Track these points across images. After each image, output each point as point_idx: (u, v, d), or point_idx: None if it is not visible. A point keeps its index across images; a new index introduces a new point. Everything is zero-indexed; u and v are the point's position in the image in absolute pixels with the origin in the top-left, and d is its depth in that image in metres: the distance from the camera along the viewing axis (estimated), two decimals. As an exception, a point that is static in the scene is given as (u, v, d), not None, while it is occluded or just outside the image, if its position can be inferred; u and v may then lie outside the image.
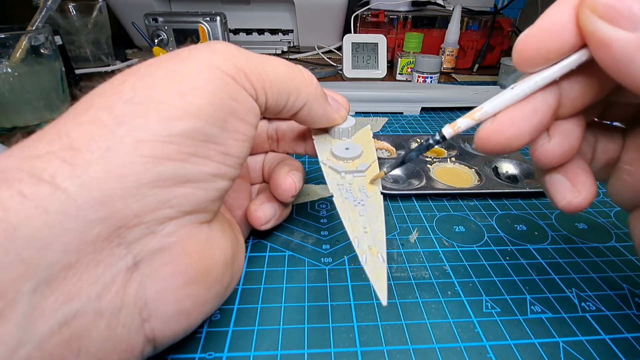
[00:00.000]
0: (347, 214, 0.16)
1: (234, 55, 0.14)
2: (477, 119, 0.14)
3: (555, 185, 0.15)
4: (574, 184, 0.15)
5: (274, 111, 0.16)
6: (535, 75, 0.13)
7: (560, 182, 0.15)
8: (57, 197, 0.10)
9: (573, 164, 0.15)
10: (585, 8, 0.11)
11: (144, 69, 0.13)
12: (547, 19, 0.12)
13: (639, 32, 0.10)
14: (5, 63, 0.36)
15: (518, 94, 0.13)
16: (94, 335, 0.11)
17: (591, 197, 0.15)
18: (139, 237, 0.12)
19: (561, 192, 0.15)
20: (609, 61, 0.11)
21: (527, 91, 0.13)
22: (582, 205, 0.15)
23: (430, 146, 0.16)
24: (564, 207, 0.15)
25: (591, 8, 0.11)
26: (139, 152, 0.11)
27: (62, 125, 0.12)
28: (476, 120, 0.14)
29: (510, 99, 0.13)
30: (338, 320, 0.18)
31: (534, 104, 0.13)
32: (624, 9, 0.10)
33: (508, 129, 0.13)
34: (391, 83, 0.55)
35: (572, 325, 0.18)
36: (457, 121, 0.15)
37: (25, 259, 0.10)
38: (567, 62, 0.12)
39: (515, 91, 0.13)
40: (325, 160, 0.20)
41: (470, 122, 0.14)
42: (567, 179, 0.15)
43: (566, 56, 0.12)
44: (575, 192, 0.15)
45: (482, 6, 0.74)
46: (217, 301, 0.15)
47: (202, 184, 0.13)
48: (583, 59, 0.12)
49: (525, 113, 0.13)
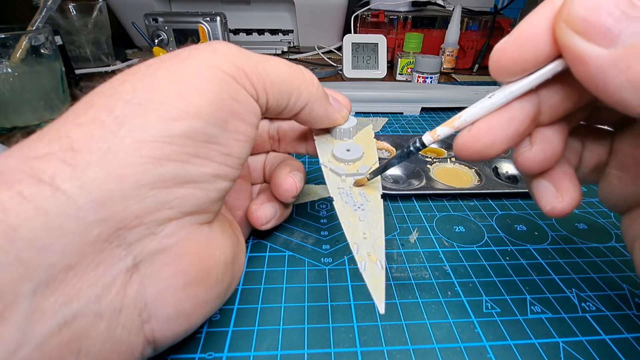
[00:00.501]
0: (347, 219, 0.16)
1: (235, 55, 0.14)
2: (456, 127, 0.14)
3: (540, 191, 0.16)
4: (558, 190, 0.15)
5: (275, 111, 0.16)
6: (512, 84, 0.13)
7: (545, 187, 0.16)
8: (57, 198, 0.10)
9: (557, 170, 0.15)
10: (561, 21, 0.11)
11: (144, 69, 0.13)
12: (523, 28, 0.12)
13: (612, 48, 0.10)
14: (5, 63, 0.36)
15: (495, 102, 0.13)
16: (94, 336, 0.11)
17: (575, 203, 0.15)
18: (139, 238, 0.12)
19: (546, 198, 0.16)
20: (584, 75, 0.11)
21: (503, 100, 0.13)
22: (565, 210, 0.15)
23: (411, 153, 0.16)
24: (549, 212, 0.15)
25: (567, 21, 0.10)
26: (139, 153, 0.11)
27: (62, 126, 0.12)
28: (455, 128, 0.15)
29: (488, 108, 0.14)
30: (338, 321, 0.18)
31: (511, 113, 0.13)
32: (598, 25, 0.10)
33: (484, 137, 0.14)
34: (391, 83, 0.55)
35: (572, 325, 0.18)
36: (437, 129, 0.15)
37: (25, 260, 0.10)
38: (543, 71, 0.12)
39: (493, 100, 0.13)
40: (326, 162, 0.20)
41: (450, 130, 0.15)
42: (552, 185, 0.15)
43: (542, 66, 0.12)
44: (560, 197, 0.15)
45: (482, 6, 0.74)
46: (217, 302, 0.15)
47: (202, 185, 0.13)
48: (559, 68, 0.12)
49: (502, 121, 0.13)
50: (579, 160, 0.16)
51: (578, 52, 0.10)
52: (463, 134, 0.14)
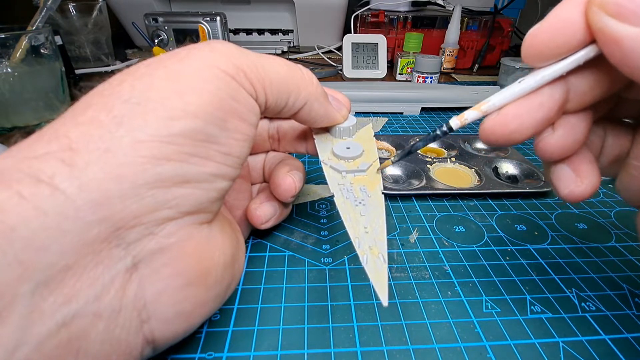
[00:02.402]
0: (347, 214, 0.16)
1: (234, 55, 0.14)
2: (483, 111, 0.15)
3: (559, 175, 0.16)
4: (578, 174, 0.15)
5: (275, 110, 0.16)
6: (542, 70, 0.13)
7: (563, 171, 0.16)
8: (55, 198, 0.10)
9: (578, 156, 0.16)
10: (594, 6, 0.11)
11: (142, 68, 0.13)
12: (556, 15, 0.12)
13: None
14: (5, 63, 0.36)
15: (525, 88, 0.13)
16: (93, 336, 0.11)
17: (593, 187, 0.15)
18: (138, 238, 0.12)
19: (564, 182, 0.15)
20: (618, 57, 0.11)
21: (533, 85, 0.13)
22: (583, 194, 0.15)
23: (437, 137, 0.16)
24: (566, 196, 0.15)
25: (599, 5, 0.11)
26: (138, 153, 0.11)
27: (61, 126, 0.12)
28: (483, 112, 0.15)
29: (517, 93, 0.14)
30: (338, 321, 0.18)
31: (540, 99, 0.13)
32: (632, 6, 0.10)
33: (512, 122, 0.14)
34: (391, 83, 0.55)
35: (572, 325, 0.18)
36: (465, 113, 0.15)
37: (24, 260, 0.10)
38: (575, 57, 0.12)
39: (522, 85, 0.13)
40: (326, 159, 0.20)
41: (477, 114, 0.15)
42: (571, 170, 0.15)
43: (574, 52, 0.12)
44: (578, 181, 0.15)
45: (482, 6, 0.74)
46: (217, 302, 0.15)
47: (202, 185, 0.13)
48: (591, 54, 0.12)
49: (531, 107, 0.13)
50: (600, 150, 0.16)
51: (611, 33, 0.11)
52: (490, 118, 0.14)
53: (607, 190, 0.31)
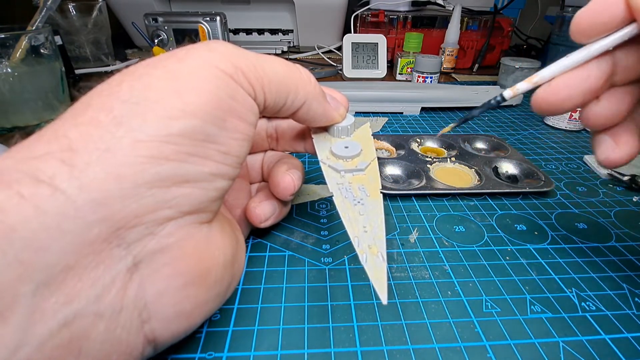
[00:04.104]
0: (346, 213, 0.16)
1: (232, 54, 0.14)
2: (534, 82, 0.16)
3: (599, 142, 0.17)
4: (617, 143, 0.17)
5: (273, 110, 0.16)
6: (589, 45, 0.15)
7: (604, 139, 0.17)
8: (56, 198, 0.10)
9: (620, 127, 0.17)
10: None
11: (141, 69, 0.13)
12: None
13: None
14: (5, 63, 0.36)
15: (573, 61, 0.15)
16: (94, 336, 0.11)
17: (631, 154, 0.17)
18: (139, 238, 0.12)
19: (602, 148, 0.17)
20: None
21: (581, 59, 0.15)
22: (618, 159, 0.17)
23: (491, 106, 0.18)
24: (603, 161, 0.17)
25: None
26: (137, 153, 0.11)
27: (60, 126, 0.12)
28: (533, 83, 0.16)
29: (567, 65, 0.15)
30: (338, 320, 0.18)
31: (587, 71, 0.15)
32: None
33: (562, 91, 0.15)
34: (391, 83, 0.55)
35: (572, 325, 0.18)
36: (517, 85, 0.17)
37: (24, 260, 0.10)
38: (618, 35, 0.14)
39: (571, 59, 0.15)
40: (324, 159, 0.20)
41: (528, 85, 0.17)
42: (612, 139, 0.17)
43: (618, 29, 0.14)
44: (616, 149, 0.17)
45: (482, 6, 0.74)
46: (217, 302, 0.15)
47: (201, 184, 0.13)
48: (634, 32, 0.14)
49: (579, 77, 0.15)
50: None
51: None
52: (542, 88, 0.16)
53: (607, 190, 0.31)
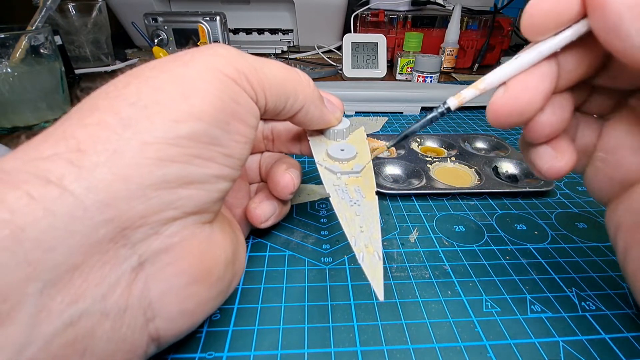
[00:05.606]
0: (343, 214, 0.17)
1: (235, 58, 0.14)
2: (481, 88, 0.14)
3: (540, 153, 0.16)
4: (558, 151, 0.16)
5: (273, 113, 0.17)
6: (540, 44, 0.13)
7: (543, 150, 0.16)
8: (64, 199, 0.10)
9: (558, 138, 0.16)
10: None
11: (147, 71, 0.13)
12: None
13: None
14: (5, 63, 0.36)
15: (525, 62, 0.14)
16: (99, 335, 0.11)
17: (572, 162, 0.16)
18: (144, 238, 0.12)
19: (544, 159, 0.16)
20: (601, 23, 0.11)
21: (535, 58, 0.13)
22: (563, 168, 0.16)
23: (435, 118, 0.16)
24: (547, 170, 0.16)
25: None
26: (145, 155, 0.12)
27: (67, 127, 0.12)
28: (480, 90, 0.14)
29: (517, 67, 0.14)
30: (338, 320, 0.18)
31: (542, 70, 0.14)
32: None
33: (522, 95, 0.14)
34: (391, 83, 0.55)
35: (572, 324, 0.18)
36: (462, 92, 0.15)
37: (32, 261, 0.10)
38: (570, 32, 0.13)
39: (521, 60, 0.14)
40: (321, 161, 0.20)
41: (475, 92, 0.15)
42: (550, 147, 0.16)
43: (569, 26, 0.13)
44: (559, 156, 0.16)
45: (482, 6, 0.74)
46: (219, 300, 0.15)
47: (205, 185, 0.13)
48: (583, 30, 0.13)
49: (536, 78, 0.14)
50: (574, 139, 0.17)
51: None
52: (499, 95, 0.14)
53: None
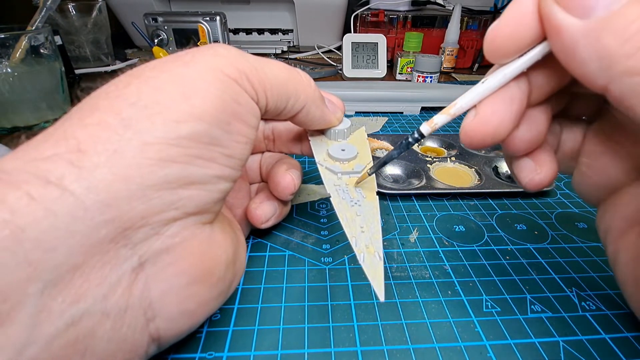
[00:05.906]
0: (344, 214, 0.17)
1: (236, 59, 0.14)
2: (452, 114, 0.15)
3: (521, 167, 0.16)
4: (537, 163, 0.16)
5: (274, 113, 0.17)
6: (505, 67, 0.13)
7: (525, 162, 0.16)
8: (65, 199, 0.10)
9: (538, 149, 0.16)
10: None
11: (148, 72, 0.13)
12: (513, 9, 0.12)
13: (586, 19, 0.11)
14: (5, 63, 0.36)
15: (490, 86, 0.14)
16: (100, 335, 0.11)
17: (551, 175, 0.16)
18: (145, 238, 0.12)
19: (525, 172, 0.16)
20: (558, 47, 0.11)
21: (501, 81, 0.14)
22: (542, 181, 0.16)
23: (410, 144, 0.16)
24: (527, 184, 0.16)
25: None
26: (146, 155, 0.12)
27: (68, 127, 0.12)
28: (452, 115, 0.15)
29: (484, 92, 0.14)
30: (338, 320, 0.18)
31: (510, 93, 0.14)
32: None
33: (492, 118, 0.14)
34: (391, 83, 0.55)
35: (572, 324, 0.18)
36: (434, 118, 0.15)
37: (33, 261, 0.10)
38: (533, 53, 0.13)
39: (487, 84, 0.14)
40: (322, 161, 0.20)
41: (446, 117, 0.15)
42: (532, 160, 0.16)
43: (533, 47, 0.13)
44: (538, 169, 0.16)
45: (482, 6, 0.74)
46: (219, 300, 0.15)
47: (205, 186, 0.13)
48: (547, 49, 0.12)
49: (504, 101, 0.14)
50: (557, 144, 0.17)
51: (556, 21, 0.11)
52: (469, 120, 0.14)
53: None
